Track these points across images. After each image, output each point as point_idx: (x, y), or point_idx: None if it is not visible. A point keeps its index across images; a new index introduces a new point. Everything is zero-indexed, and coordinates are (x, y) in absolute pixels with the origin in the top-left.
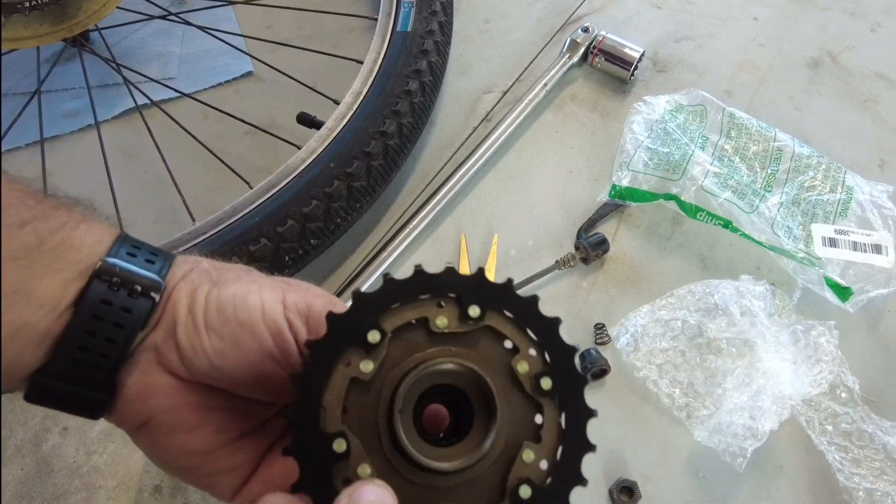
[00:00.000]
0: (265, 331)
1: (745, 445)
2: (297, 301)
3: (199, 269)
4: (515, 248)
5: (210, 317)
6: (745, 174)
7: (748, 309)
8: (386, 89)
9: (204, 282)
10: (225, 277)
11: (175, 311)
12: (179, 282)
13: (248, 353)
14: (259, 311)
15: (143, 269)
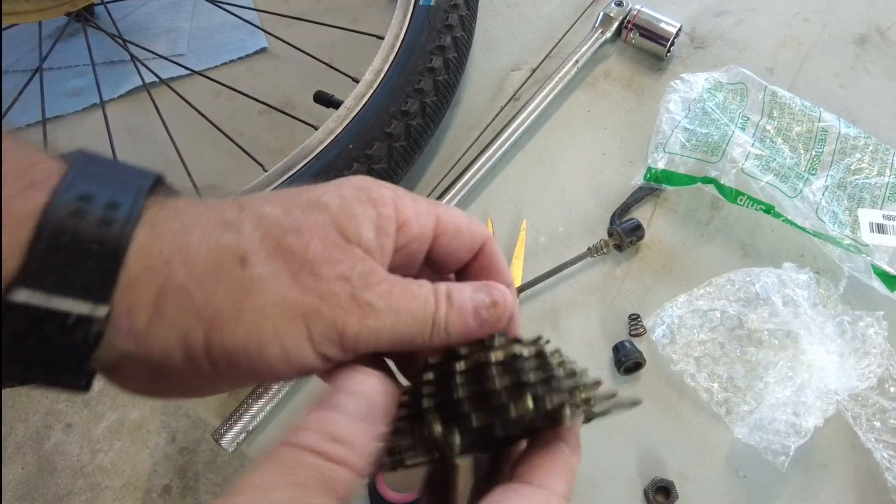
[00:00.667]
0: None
1: (787, 443)
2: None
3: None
4: (545, 234)
5: (206, 366)
6: (788, 156)
7: (791, 299)
8: (408, 66)
9: (190, 315)
10: (229, 299)
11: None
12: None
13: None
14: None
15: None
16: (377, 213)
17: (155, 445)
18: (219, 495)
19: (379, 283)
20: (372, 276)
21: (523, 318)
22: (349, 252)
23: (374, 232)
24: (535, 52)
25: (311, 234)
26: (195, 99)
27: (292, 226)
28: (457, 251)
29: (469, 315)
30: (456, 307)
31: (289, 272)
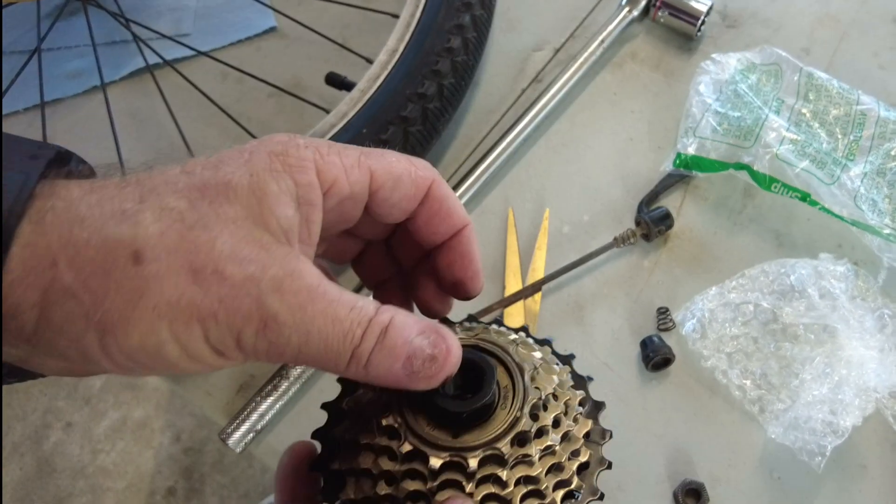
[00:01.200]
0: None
1: (824, 443)
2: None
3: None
4: (569, 223)
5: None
6: (825, 141)
7: (828, 291)
8: (425, 47)
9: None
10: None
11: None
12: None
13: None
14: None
15: None
16: (295, 181)
17: (159, 445)
18: (226, 499)
19: (295, 293)
20: (288, 281)
21: (547, 313)
22: (265, 249)
23: (295, 206)
24: (559, 32)
25: (219, 229)
26: (201, 81)
27: (198, 220)
28: (400, 202)
29: (399, 361)
30: (387, 347)
31: (189, 270)
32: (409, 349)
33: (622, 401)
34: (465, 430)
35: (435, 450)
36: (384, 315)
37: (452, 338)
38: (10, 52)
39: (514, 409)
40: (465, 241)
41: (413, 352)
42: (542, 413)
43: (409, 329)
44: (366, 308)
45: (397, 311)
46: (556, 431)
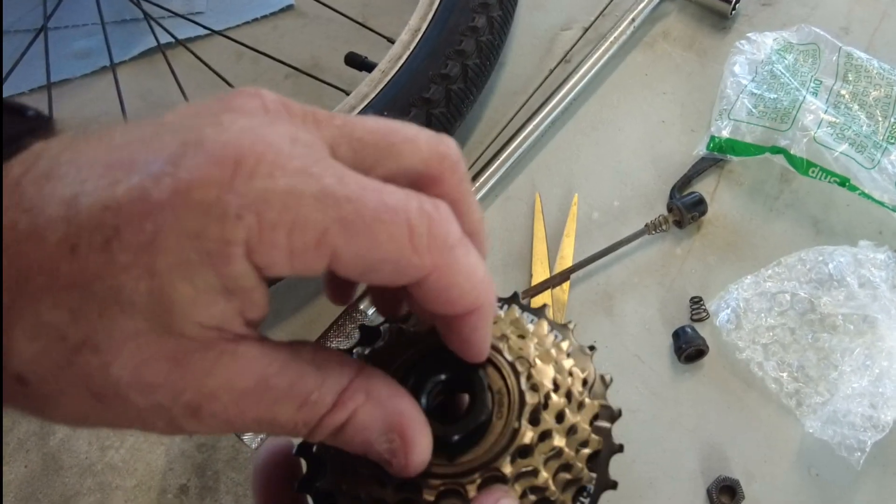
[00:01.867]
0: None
1: (863, 438)
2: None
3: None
4: (598, 209)
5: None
6: (865, 124)
7: (868, 280)
8: (448, 25)
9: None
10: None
11: None
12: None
13: None
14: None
15: None
16: (218, 274)
17: (170, 441)
18: (241, 497)
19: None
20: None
21: (575, 303)
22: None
23: (222, 301)
24: (588, 10)
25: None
26: (214, 61)
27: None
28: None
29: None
30: (340, 443)
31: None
32: (367, 448)
33: (654, 394)
34: (460, 452)
35: (428, 478)
36: (339, 414)
37: (419, 437)
38: (14, 30)
39: (512, 419)
40: (468, 327)
41: (371, 451)
42: (543, 414)
43: (369, 430)
44: (320, 402)
45: (365, 401)
46: (559, 429)
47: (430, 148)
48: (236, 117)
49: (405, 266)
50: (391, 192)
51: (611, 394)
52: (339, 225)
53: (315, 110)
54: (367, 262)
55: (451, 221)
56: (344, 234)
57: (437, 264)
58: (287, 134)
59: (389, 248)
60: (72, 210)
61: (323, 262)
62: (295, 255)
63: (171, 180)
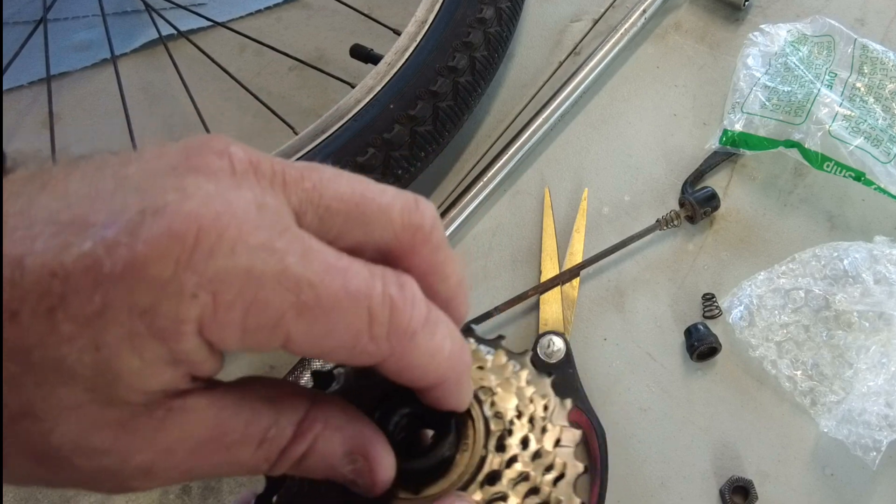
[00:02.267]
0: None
1: (879, 437)
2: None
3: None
4: (609, 204)
5: None
6: (881, 117)
7: (884, 276)
8: (455, 17)
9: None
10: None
11: None
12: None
13: None
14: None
15: None
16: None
17: None
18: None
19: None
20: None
21: (585, 300)
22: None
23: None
24: (598, 1)
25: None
26: (217, 54)
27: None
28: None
29: (321, 476)
30: (303, 472)
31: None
32: (329, 474)
33: (665, 392)
34: (426, 484)
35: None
36: (300, 446)
37: (383, 457)
38: (13, 22)
39: (478, 449)
40: (436, 396)
41: (335, 474)
42: (509, 440)
43: (331, 456)
44: (279, 437)
45: (323, 428)
46: (525, 454)
47: (402, 220)
48: (201, 181)
49: (360, 353)
50: (355, 272)
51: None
52: (296, 310)
53: (285, 169)
54: (321, 348)
55: (415, 304)
56: (300, 320)
57: (394, 351)
58: (253, 200)
59: (345, 337)
60: (17, 272)
61: (276, 343)
62: (248, 335)
63: (126, 251)
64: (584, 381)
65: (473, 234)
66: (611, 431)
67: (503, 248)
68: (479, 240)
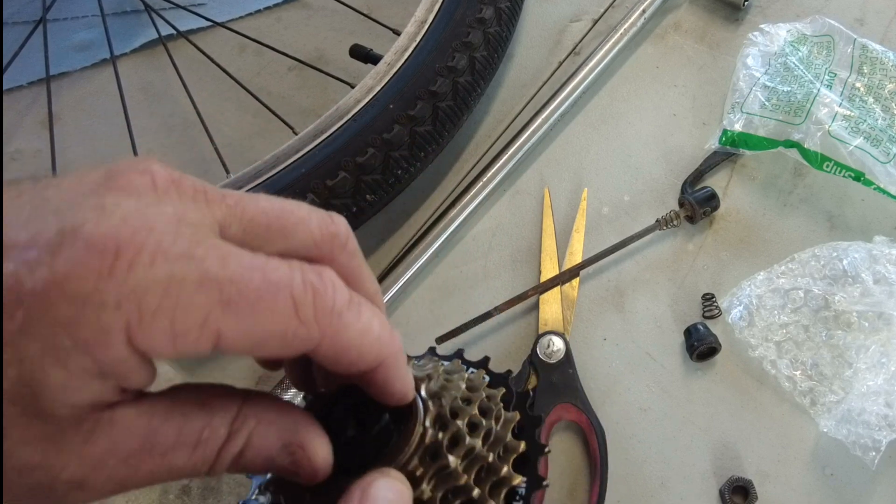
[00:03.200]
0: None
1: (879, 437)
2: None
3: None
4: (608, 204)
5: None
6: (881, 117)
7: (884, 276)
8: (455, 17)
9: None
10: None
11: None
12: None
13: None
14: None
15: None
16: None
17: None
18: (243, 497)
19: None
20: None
21: (585, 300)
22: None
23: (98, 382)
24: (598, 1)
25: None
26: (217, 54)
27: None
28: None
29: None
30: (242, 468)
31: None
32: (269, 468)
33: (665, 392)
34: (372, 465)
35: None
36: (235, 443)
37: (318, 444)
38: (13, 22)
39: (417, 428)
40: (380, 379)
41: (274, 466)
42: (452, 421)
43: (267, 449)
44: (213, 437)
45: (257, 424)
46: (475, 435)
47: (320, 229)
48: (121, 199)
49: (292, 338)
50: (275, 267)
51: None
52: (221, 306)
53: (206, 188)
54: (253, 340)
55: (336, 288)
56: (227, 315)
57: (326, 332)
58: (174, 214)
59: (274, 324)
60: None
61: (208, 344)
62: (178, 339)
63: (46, 270)
64: (583, 381)
65: (473, 234)
66: (611, 431)
67: (503, 248)
68: (478, 240)
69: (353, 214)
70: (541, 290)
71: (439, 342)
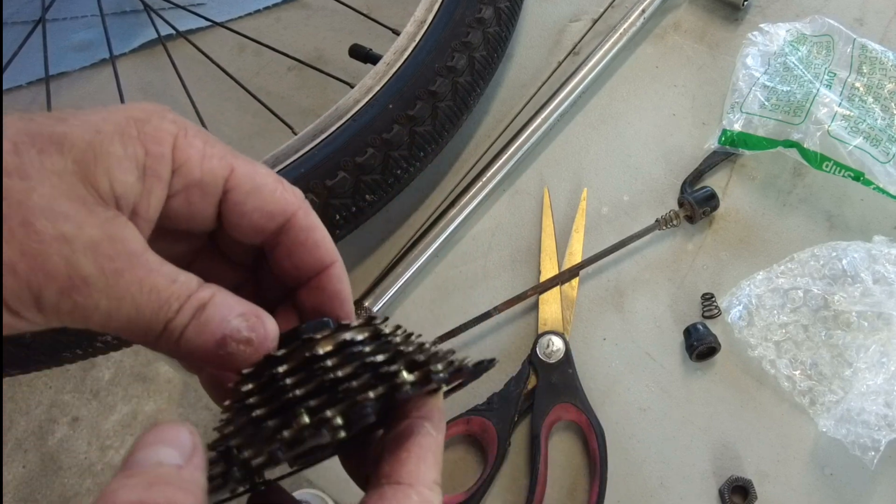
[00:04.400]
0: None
1: (878, 437)
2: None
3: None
4: (608, 204)
5: None
6: (880, 117)
7: (883, 276)
8: (455, 17)
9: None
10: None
11: None
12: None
13: None
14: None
15: None
16: (146, 151)
17: None
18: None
19: (112, 257)
20: (106, 245)
21: (584, 300)
22: (87, 208)
23: (138, 174)
24: (597, 1)
25: (39, 179)
26: (216, 54)
27: (19, 167)
28: (254, 214)
29: (213, 339)
30: (202, 324)
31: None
32: (225, 329)
33: (665, 392)
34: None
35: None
36: (205, 291)
37: (272, 322)
38: (12, 22)
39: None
40: (333, 280)
41: (230, 332)
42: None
43: (228, 309)
44: (188, 283)
45: (221, 290)
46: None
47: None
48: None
49: (281, 194)
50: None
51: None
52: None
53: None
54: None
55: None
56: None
57: (300, 203)
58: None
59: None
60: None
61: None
62: (206, 156)
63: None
64: (583, 381)
65: (473, 233)
66: (610, 431)
67: (502, 247)
68: (478, 240)
69: (352, 214)
70: (540, 290)
71: (439, 342)
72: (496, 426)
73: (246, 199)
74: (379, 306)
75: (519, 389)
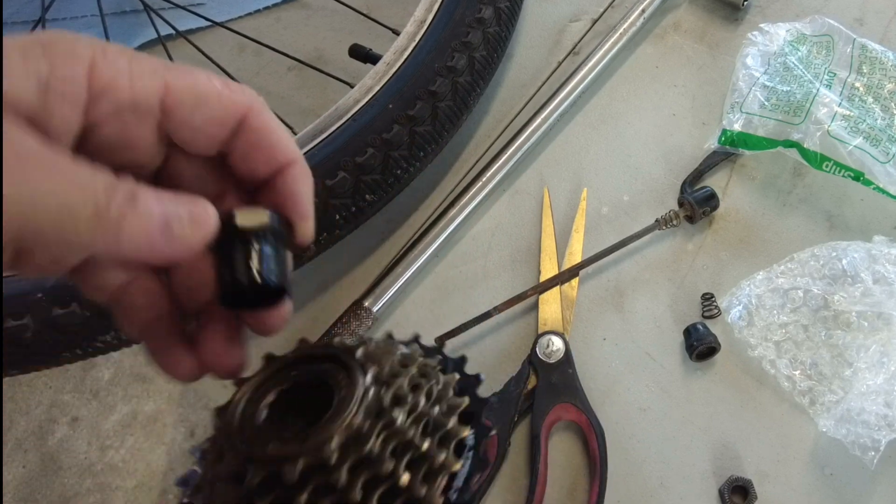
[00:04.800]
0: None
1: (878, 437)
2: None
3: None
4: (608, 204)
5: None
6: (880, 117)
7: (883, 276)
8: (454, 17)
9: None
10: None
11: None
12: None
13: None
14: None
15: None
16: (50, 67)
17: (172, 441)
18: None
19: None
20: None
21: (584, 300)
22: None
23: (35, 90)
24: (597, 1)
25: None
26: (216, 54)
27: None
28: (204, 126)
29: (156, 227)
30: (140, 212)
31: None
32: (165, 214)
33: (665, 392)
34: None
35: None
36: (129, 182)
37: (208, 203)
38: (11, 22)
39: (360, 383)
40: (290, 179)
41: (171, 214)
42: (393, 379)
43: (160, 195)
44: (108, 175)
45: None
46: (417, 392)
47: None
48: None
49: (228, 98)
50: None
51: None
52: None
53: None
54: (194, 94)
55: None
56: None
57: (252, 103)
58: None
59: (211, 85)
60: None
61: (158, 88)
62: (133, 75)
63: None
64: (583, 380)
65: (473, 233)
66: (610, 431)
67: (502, 247)
68: (478, 240)
69: (352, 214)
70: (540, 290)
71: (439, 342)
72: (496, 426)
73: (192, 115)
74: (379, 306)
75: (519, 389)
